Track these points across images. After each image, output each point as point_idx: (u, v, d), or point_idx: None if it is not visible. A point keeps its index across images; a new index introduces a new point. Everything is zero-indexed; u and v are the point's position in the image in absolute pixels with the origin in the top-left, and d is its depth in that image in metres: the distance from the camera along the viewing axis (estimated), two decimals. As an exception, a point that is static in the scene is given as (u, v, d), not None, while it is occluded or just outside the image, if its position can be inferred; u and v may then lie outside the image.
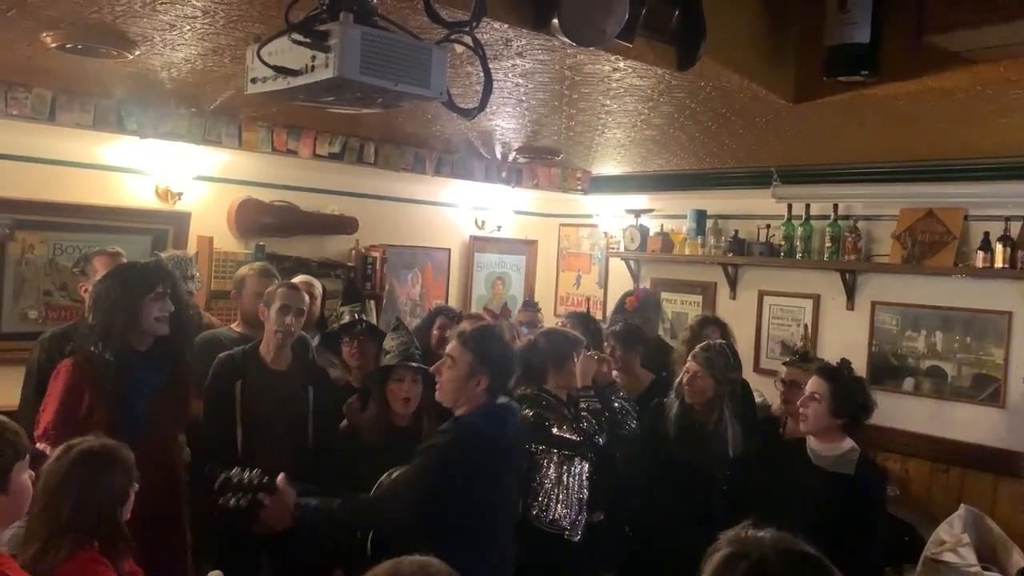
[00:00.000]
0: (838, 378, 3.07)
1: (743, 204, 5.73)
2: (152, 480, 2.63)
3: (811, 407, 3.05)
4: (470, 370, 2.79)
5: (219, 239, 5.01)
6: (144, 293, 3.05)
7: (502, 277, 6.71)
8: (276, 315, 3.43)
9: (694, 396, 3.57)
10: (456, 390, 2.83)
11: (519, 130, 4.38)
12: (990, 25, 2.49)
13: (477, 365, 2.79)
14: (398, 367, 3.43)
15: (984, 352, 4.75)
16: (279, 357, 3.49)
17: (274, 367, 3.47)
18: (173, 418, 3.24)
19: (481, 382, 2.79)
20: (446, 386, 2.85)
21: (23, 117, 3.85)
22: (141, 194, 4.73)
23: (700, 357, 3.61)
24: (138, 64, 3.19)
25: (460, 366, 2.81)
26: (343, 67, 1.72)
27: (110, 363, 3.00)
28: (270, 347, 3.48)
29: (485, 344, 2.85)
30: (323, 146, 4.81)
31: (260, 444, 3.36)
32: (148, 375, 3.11)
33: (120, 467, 2.30)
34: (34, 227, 4.36)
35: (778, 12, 3.09)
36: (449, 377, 2.83)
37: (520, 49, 2.68)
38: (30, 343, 3.64)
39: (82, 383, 2.98)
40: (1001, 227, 4.54)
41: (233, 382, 3.39)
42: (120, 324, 3.02)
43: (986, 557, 4.05)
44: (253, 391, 3.40)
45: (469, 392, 2.80)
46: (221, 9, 2.44)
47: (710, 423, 3.56)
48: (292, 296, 3.48)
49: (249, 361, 3.46)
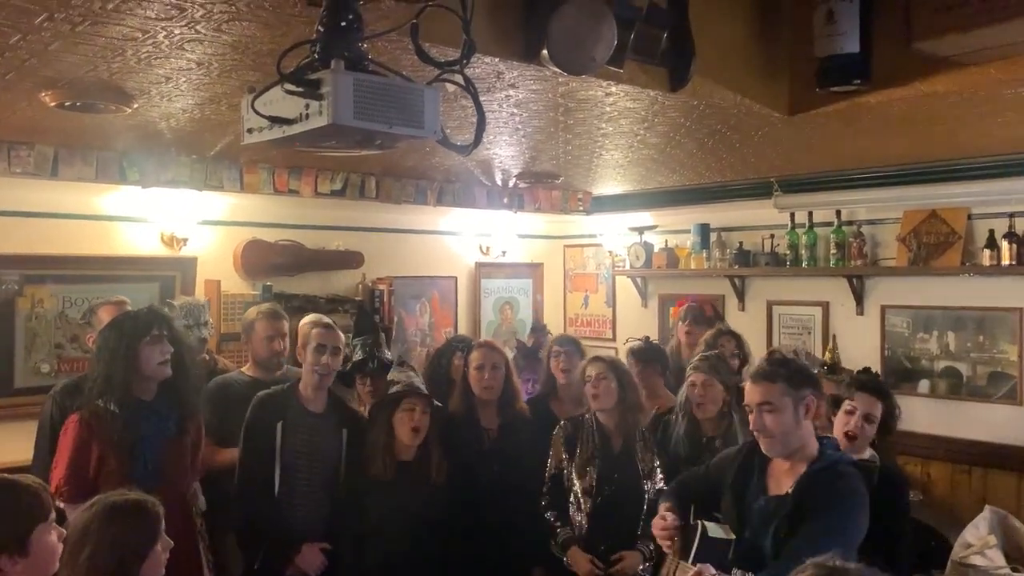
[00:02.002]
0: (887, 394, 3.09)
1: (746, 215, 5.73)
2: (169, 527, 2.62)
3: (867, 429, 3.06)
4: (793, 402, 2.49)
5: (226, 282, 5.04)
6: (140, 337, 3.06)
7: (510, 302, 6.71)
8: (312, 355, 3.48)
9: (706, 409, 3.54)
10: (787, 432, 2.49)
11: (517, 157, 4.41)
12: (978, 28, 2.49)
13: (795, 392, 2.50)
14: (408, 396, 3.44)
15: (998, 350, 4.72)
16: (317, 398, 3.53)
17: (312, 408, 3.51)
18: (184, 467, 3.24)
19: (810, 407, 2.51)
20: (779, 437, 2.50)
21: (26, 174, 3.90)
22: (147, 242, 4.76)
23: (703, 366, 3.59)
24: (137, 116, 3.23)
25: (783, 405, 2.49)
26: (337, 114, 1.73)
27: (116, 415, 3.01)
28: (308, 387, 3.51)
29: (788, 366, 2.57)
30: (324, 184, 4.84)
31: (297, 485, 3.43)
32: (156, 425, 3.11)
33: (141, 523, 2.27)
34: (42, 281, 4.40)
35: (768, 27, 3.10)
36: (775, 423, 2.49)
37: (512, 80, 2.70)
38: (43, 397, 3.66)
39: (90, 438, 2.99)
40: (1006, 224, 4.53)
41: (274, 423, 3.43)
42: (121, 372, 3.03)
43: (1014, 558, 4.00)
44: (293, 432, 3.44)
45: (807, 426, 2.51)
46: (215, 60, 2.47)
47: (719, 436, 3.53)
48: (327, 335, 3.52)
49: (289, 402, 3.50)
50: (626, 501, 3.48)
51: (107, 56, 2.41)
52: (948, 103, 3.12)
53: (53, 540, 2.06)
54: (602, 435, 3.57)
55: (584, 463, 3.54)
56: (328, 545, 3.44)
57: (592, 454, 3.54)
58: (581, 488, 3.51)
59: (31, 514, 1.99)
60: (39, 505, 2.04)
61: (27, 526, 1.97)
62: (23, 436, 3.70)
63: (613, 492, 3.49)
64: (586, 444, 3.57)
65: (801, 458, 2.50)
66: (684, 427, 3.59)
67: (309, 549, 3.41)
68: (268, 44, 2.28)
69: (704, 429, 3.58)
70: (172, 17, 2.09)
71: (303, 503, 3.46)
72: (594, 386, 3.54)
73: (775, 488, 2.53)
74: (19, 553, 1.95)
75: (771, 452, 2.54)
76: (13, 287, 4.31)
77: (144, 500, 2.34)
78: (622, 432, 3.55)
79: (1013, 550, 4.04)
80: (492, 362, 3.78)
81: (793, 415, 2.47)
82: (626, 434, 3.54)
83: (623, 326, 6.47)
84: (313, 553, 3.41)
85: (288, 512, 3.43)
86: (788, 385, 2.48)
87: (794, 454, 2.51)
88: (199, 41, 2.28)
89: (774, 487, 2.54)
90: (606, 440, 3.57)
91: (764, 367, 2.57)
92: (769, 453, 2.55)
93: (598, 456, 3.53)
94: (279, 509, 3.41)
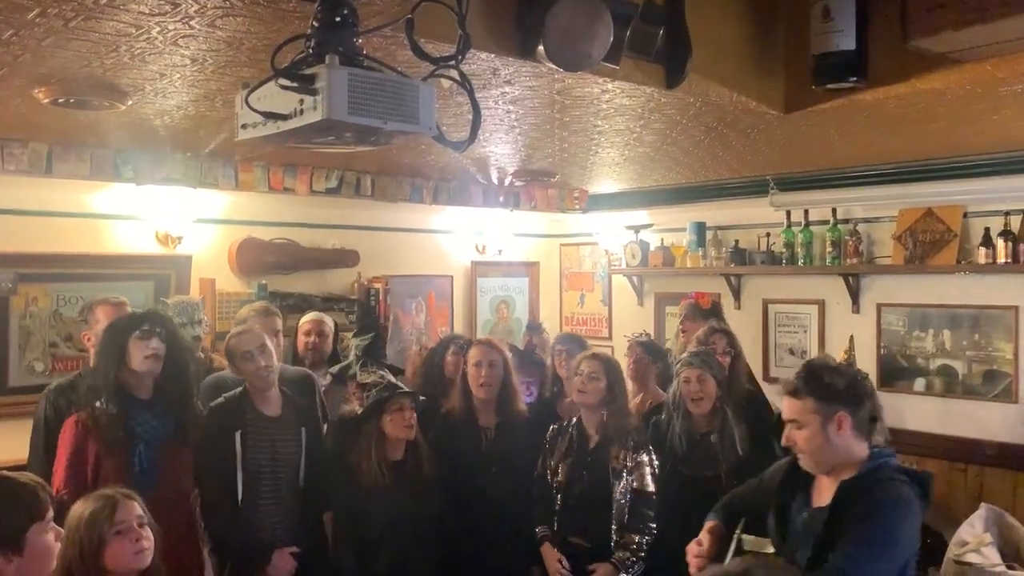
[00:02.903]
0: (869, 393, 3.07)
1: (742, 214, 5.73)
2: (169, 527, 2.65)
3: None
4: (821, 419, 2.30)
5: (221, 280, 5.03)
6: (128, 333, 3.06)
7: (506, 300, 6.71)
8: (243, 364, 3.39)
9: (702, 403, 3.53)
10: (817, 449, 2.32)
11: (513, 154, 4.40)
12: (974, 25, 2.49)
13: (825, 408, 2.30)
14: (396, 397, 3.44)
15: (993, 348, 4.73)
16: (270, 401, 3.44)
17: (268, 412, 3.43)
18: (185, 466, 3.23)
19: (842, 423, 2.30)
20: (809, 453, 2.35)
21: (20, 172, 3.88)
22: (141, 240, 4.75)
23: (696, 361, 3.58)
24: (131, 113, 3.22)
25: (810, 421, 2.32)
26: (331, 109, 1.72)
27: (113, 415, 3.00)
28: (256, 391, 3.44)
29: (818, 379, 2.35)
30: (320, 182, 4.83)
31: (262, 491, 3.37)
32: (153, 424, 3.11)
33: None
34: (36, 280, 4.38)
35: (764, 24, 3.10)
36: (803, 440, 2.34)
37: (508, 77, 2.70)
38: (37, 396, 3.62)
39: (86, 439, 2.99)
40: (1001, 222, 4.53)
41: (232, 431, 3.34)
42: (112, 370, 3.03)
43: (1010, 555, 4.01)
44: (253, 439, 3.37)
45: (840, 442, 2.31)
46: (209, 56, 2.46)
47: (714, 431, 3.54)
48: (247, 339, 3.42)
49: (244, 408, 3.41)
50: (593, 499, 3.47)
51: (100, 52, 2.40)
52: (944, 100, 3.11)
53: (49, 540, 2.04)
54: (580, 433, 3.58)
55: (559, 460, 3.56)
56: (298, 549, 3.38)
57: (566, 451, 3.56)
58: (556, 484, 3.55)
59: (27, 513, 1.98)
60: (36, 504, 2.02)
61: (23, 524, 1.95)
62: (17, 435, 3.67)
63: (582, 490, 3.50)
64: (563, 441, 3.59)
65: (845, 470, 2.32)
66: (680, 424, 3.58)
67: (279, 555, 3.34)
68: (263, 40, 2.27)
69: (699, 425, 3.58)
70: (166, 12, 2.08)
71: (270, 508, 3.39)
72: (583, 382, 3.55)
73: (818, 501, 2.39)
74: (13, 551, 1.94)
75: (807, 467, 2.39)
76: (7, 285, 4.29)
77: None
78: (600, 432, 3.55)
79: (1009, 548, 4.05)
80: (489, 359, 3.76)
81: (821, 432, 2.29)
82: (604, 434, 3.54)
83: (619, 325, 6.47)
84: (283, 559, 3.34)
85: (255, 519, 3.35)
86: (816, 401, 2.31)
87: (836, 468, 2.33)
88: (193, 37, 2.27)
89: (817, 500, 2.40)
90: (583, 438, 3.58)
91: (792, 381, 2.39)
92: (805, 468, 2.40)
93: (571, 454, 3.55)
94: (245, 517, 3.33)
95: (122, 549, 2.42)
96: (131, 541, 2.44)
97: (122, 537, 2.43)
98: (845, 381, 2.33)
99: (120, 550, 2.42)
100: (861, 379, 2.40)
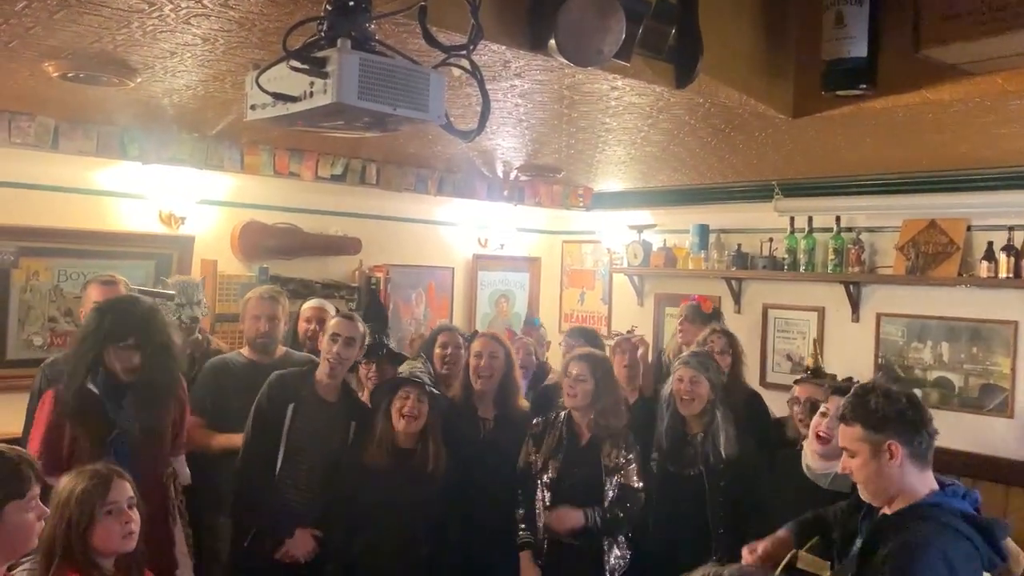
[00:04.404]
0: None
1: (745, 218, 5.73)
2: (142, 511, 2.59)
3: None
4: (871, 447, 2.21)
5: (223, 262, 5.03)
6: (109, 343, 3.02)
7: (506, 295, 6.71)
8: (327, 343, 3.52)
9: (692, 404, 3.53)
10: (869, 479, 2.23)
11: (520, 148, 4.40)
12: (986, 38, 2.49)
13: (872, 436, 2.21)
14: (405, 382, 3.46)
15: (991, 362, 4.72)
16: (329, 387, 3.54)
17: (325, 396, 3.53)
18: (161, 453, 3.22)
19: (894, 452, 2.19)
20: (863, 483, 2.25)
21: (26, 145, 3.87)
22: (145, 219, 4.74)
23: (693, 362, 3.59)
24: (140, 91, 3.21)
25: (860, 450, 2.23)
26: (341, 93, 1.72)
27: (96, 396, 2.99)
28: (322, 373, 3.54)
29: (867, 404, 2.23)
30: (325, 168, 4.82)
31: (299, 468, 3.44)
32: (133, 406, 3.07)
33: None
34: (38, 254, 4.38)
35: (776, 28, 3.10)
36: (855, 469, 2.25)
37: (518, 70, 2.70)
38: (35, 369, 3.65)
39: (63, 418, 2.98)
40: (1005, 237, 4.53)
41: (286, 403, 3.44)
42: (88, 362, 3.01)
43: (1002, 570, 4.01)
44: (303, 416, 3.45)
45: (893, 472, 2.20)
46: (220, 36, 2.45)
47: (701, 432, 3.54)
48: (343, 325, 3.54)
49: (304, 385, 3.52)
50: (585, 497, 3.49)
51: (112, 28, 2.40)
52: (953, 111, 3.11)
53: (29, 519, 2.01)
54: (570, 430, 3.59)
55: (548, 456, 3.56)
56: (320, 532, 3.44)
57: (557, 447, 3.57)
58: (544, 481, 3.55)
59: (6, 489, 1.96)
60: (17, 480, 1.99)
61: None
62: (14, 408, 3.69)
63: (573, 486, 3.51)
64: (553, 437, 3.60)
65: (903, 502, 2.21)
66: (667, 421, 3.59)
67: (302, 534, 3.41)
68: (275, 21, 2.26)
69: (688, 424, 3.59)
70: (179, -10, 2.08)
71: (302, 487, 3.46)
72: (571, 386, 3.56)
73: None
74: None
75: (864, 498, 2.30)
76: (9, 259, 4.29)
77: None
78: (592, 430, 3.56)
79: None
80: (490, 351, 3.79)
81: (872, 461, 2.18)
82: (595, 432, 3.55)
83: (619, 324, 6.46)
84: (305, 538, 3.41)
85: (286, 494, 3.43)
86: (864, 428, 2.20)
87: (894, 499, 2.22)
88: (206, 16, 2.27)
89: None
90: (573, 435, 3.59)
91: (844, 405, 2.29)
92: (863, 499, 2.30)
93: (562, 450, 3.55)
94: (278, 489, 3.41)
95: (111, 530, 2.41)
96: (120, 523, 2.43)
97: (112, 518, 2.41)
98: (896, 407, 2.21)
99: (109, 530, 2.40)
100: (915, 404, 2.27)
